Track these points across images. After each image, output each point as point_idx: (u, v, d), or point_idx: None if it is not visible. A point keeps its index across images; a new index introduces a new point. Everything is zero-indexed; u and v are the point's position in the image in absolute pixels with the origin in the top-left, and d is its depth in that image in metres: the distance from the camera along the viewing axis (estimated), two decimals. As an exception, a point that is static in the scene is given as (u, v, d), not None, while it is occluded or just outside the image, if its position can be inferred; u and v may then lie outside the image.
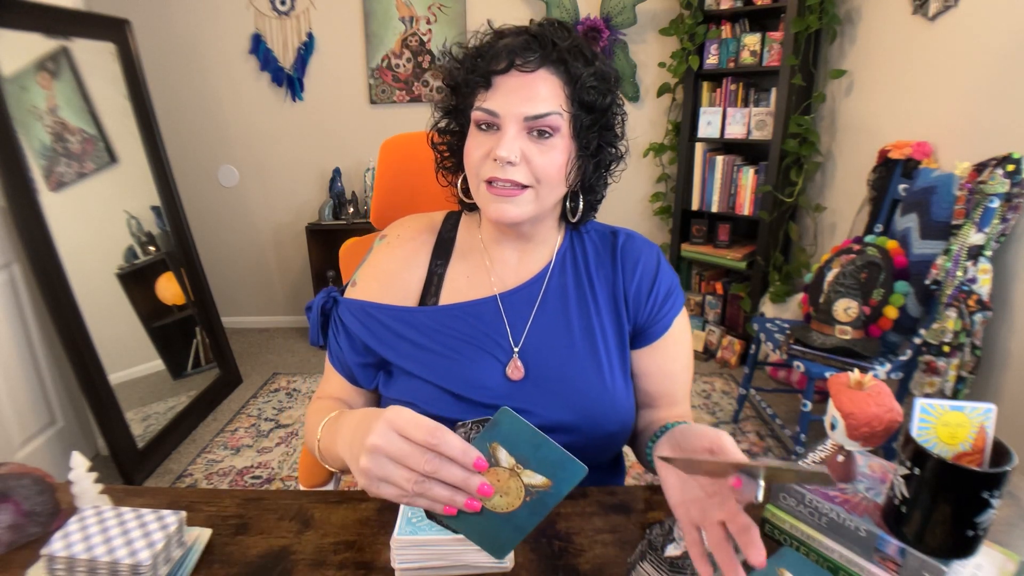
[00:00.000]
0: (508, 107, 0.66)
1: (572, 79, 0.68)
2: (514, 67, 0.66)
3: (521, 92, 0.66)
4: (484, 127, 0.68)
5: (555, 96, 0.67)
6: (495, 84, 0.67)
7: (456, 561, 0.58)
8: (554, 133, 0.67)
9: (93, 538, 0.57)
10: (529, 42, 0.67)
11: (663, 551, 0.55)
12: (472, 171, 0.70)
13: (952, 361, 1.58)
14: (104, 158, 2.11)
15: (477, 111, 0.68)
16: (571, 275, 0.79)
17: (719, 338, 2.80)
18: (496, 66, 0.67)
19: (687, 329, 0.82)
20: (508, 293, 0.77)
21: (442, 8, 2.79)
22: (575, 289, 0.79)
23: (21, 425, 1.80)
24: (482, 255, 0.80)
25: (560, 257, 0.80)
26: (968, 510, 0.50)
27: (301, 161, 3.02)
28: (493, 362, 0.74)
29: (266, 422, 2.33)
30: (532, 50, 0.67)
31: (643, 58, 2.85)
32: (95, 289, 1.94)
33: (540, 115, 0.66)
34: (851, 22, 2.37)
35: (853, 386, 0.61)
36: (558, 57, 0.67)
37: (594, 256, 0.81)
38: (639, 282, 0.78)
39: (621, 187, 3.04)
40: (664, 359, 0.79)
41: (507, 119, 0.66)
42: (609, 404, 0.74)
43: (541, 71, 0.67)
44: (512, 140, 0.66)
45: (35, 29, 1.88)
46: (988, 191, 1.50)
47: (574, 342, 0.76)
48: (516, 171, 0.67)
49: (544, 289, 0.78)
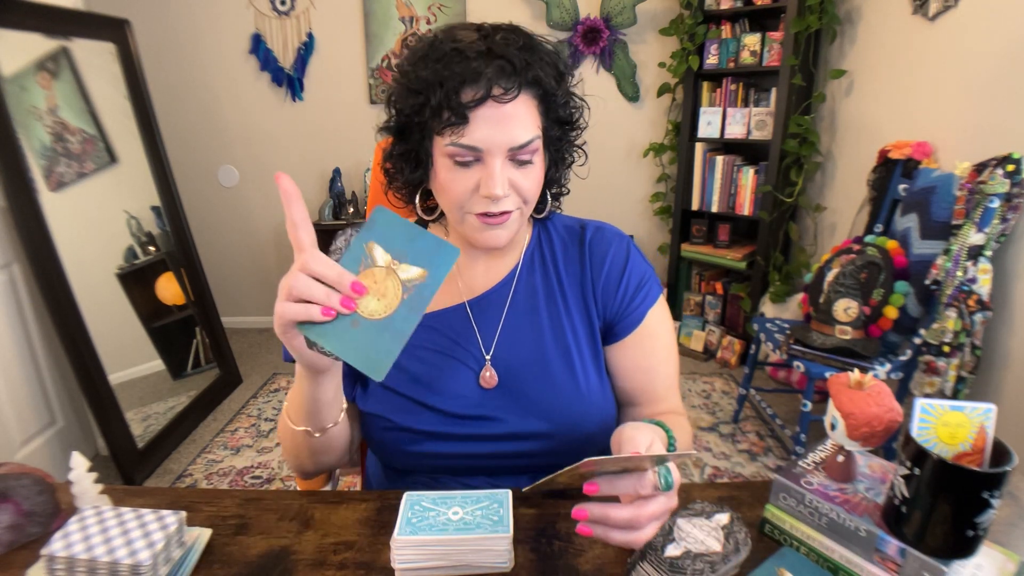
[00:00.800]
0: (490, 140, 0.62)
1: (548, 98, 0.66)
2: (491, 98, 0.61)
3: (501, 124, 0.62)
4: (461, 160, 0.64)
5: (533, 120, 0.65)
6: (471, 118, 0.62)
7: (456, 561, 0.58)
8: (534, 156, 0.66)
9: (93, 538, 0.57)
10: (504, 67, 0.61)
11: (663, 551, 0.55)
12: (454, 205, 0.66)
13: (952, 361, 1.58)
14: (104, 158, 2.11)
15: (452, 147, 0.63)
16: (539, 274, 0.78)
17: (719, 338, 2.80)
18: (470, 97, 0.61)
19: (664, 321, 0.78)
20: (477, 299, 0.76)
21: (442, 8, 2.79)
22: (544, 288, 0.77)
23: (21, 425, 1.80)
24: None
25: (528, 256, 0.78)
26: (968, 510, 0.50)
27: (301, 161, 3.02)
28: (466, 371, 0.73)
29: (266, 422, 2.33)
30: (508, 75, 0.62)
31: (643, 58, 2.85)
32: (95, 289, 1.94)
33: (524, 144, 0.64)
34: (851, 22, 2.37)
35: (853, 386, 0.61)
36: (533, 78, 0.64)
37: (562, 252, 0.79)
38: (607, 275, 0.76)
39: (621, 187, 3.07)
40: (639, 354, 0.76)
41: (491, 153, 0.63)
42: (583, 405, 0.73)
43: (519, 98, 0.63)
44: (501, 174, 0.63)
45: (35, 29, 1.88)
46: (988, 191, 1.50)
47: (544, 344, 0.74)
48: (507, 201, 0.65)
49: (513, 291, 0.76)
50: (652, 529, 0.54)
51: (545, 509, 0.67)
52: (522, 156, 0.65)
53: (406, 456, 0.73)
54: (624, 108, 2.93)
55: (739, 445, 2.14)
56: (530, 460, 0.73)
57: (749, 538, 0.58)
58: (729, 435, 2.20)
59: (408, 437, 0.72)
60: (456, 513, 0.60)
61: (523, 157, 0.65)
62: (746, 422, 2.29)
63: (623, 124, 2.95)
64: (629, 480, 0.52)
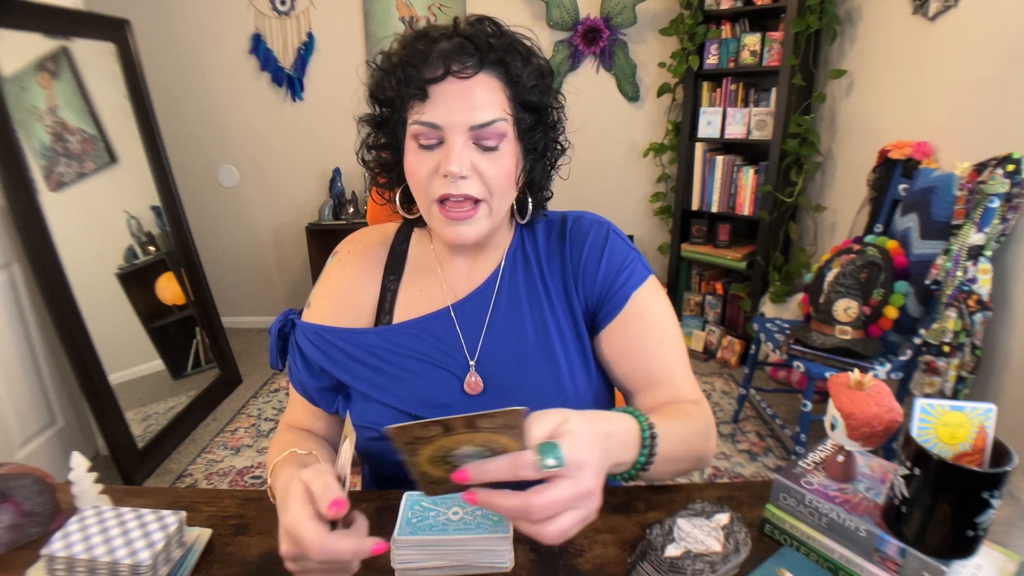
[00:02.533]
0: (450, 117, 0.62)
1: (512, 80, 0.65)
2: (451, 74, 0.62)
3: (461, 100, 0.62)
4: (425, 143, 0.64)
5: (497, 101, 0.64)
6: (432, 94, 0.62)
7: (456, 561, 0.58)
8: (500, 141, 0.64)
9: (93, 538, 0.57)
10: (464, 45, 0.62)
11: (663, 551, 0.55)
12: (420, 191, 0.66)
13: (952, 361, 1.58)
14: (104, 158, 2.11)
15: (415, 125, 0.63)
16: (522, 273, 0.76)
17: (719, 338, 2.80)
18: (431, 74, 0.62)
19: (654, 302, 0.73)
20: (460, 302, 0.74)
21: (442, 8, 2.79)
22: (526, 287, 0.75)
23: (21, 425, 1.80)
24: (435, 266, 0.77)
25: (511, 257, 0.77)
26: (968, 510, 0.50)
27: (301, 161, 3.02)
28: (450, 378, 0.72)
29: (266, 422, 2.33)
30: (469, 54, 0.62)
31: (643, 58, 2.85)
32: (95, 289, 1.94)
33: (485, 123, 0.62)
34: (851, 22, 2.37)
35: (853, 386, 0.61)
36: (496, 59, 0.64)
37: (545, 248, 0.77)
38: (586, 261, 0.73)
39: (621, 187, 3.07)
40: (626, 337, 0.72)
41: (451, 131, 0.62)
42: (568, 406, 0.72)
43: (480, 75, 0.63)
44: (461, 152, 0.62)
45: (35, 29, 1.88)
46: (988, 191, 1.50)
47: (528, 345, 0.72)
48: (468, 184, 0.63)
49: (496, 293, 0.75)
50: (567, 521, 0.46)
51: (545, 509, 0.67)
52: (486, 139, 0.63)
53: (394, 465, 0.73)
54: (624, 108, 2.93)
55: (739, 445, 2.14)
56: None
57: (749, 538, 0.58)
58: (729, 435, 2.20)
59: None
60: (456, 513, 0.60)
61: (487, 141, 0.64)
62: (746, 422, 2.29)
63: (623, 124, 2.95)
64: (500, 462, 0.46)
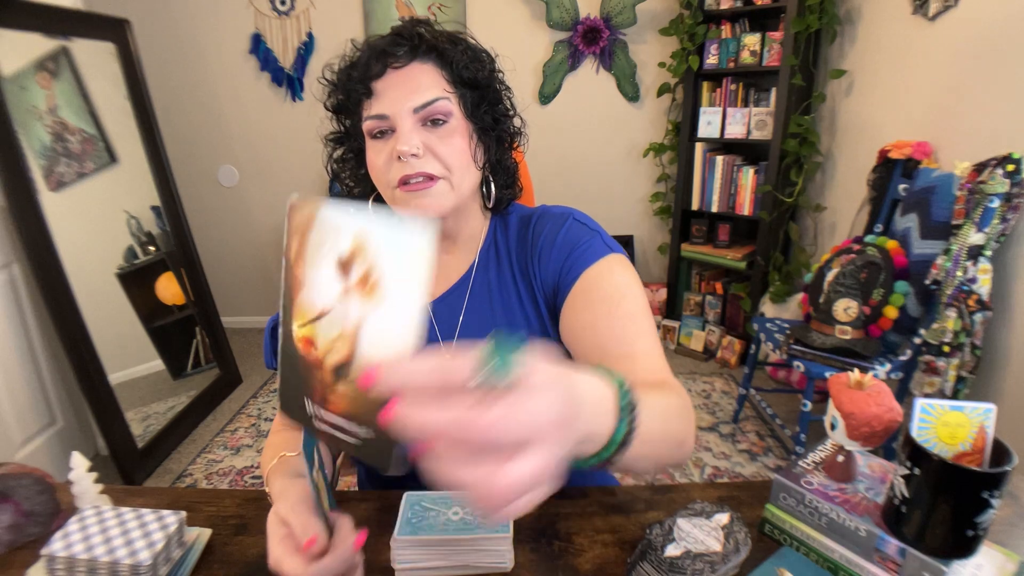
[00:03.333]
0: (394, 105, 0.66)
1: (447, 62, 0.69)
2: (389, 68, 0.67)
3: (401, 87, 0.67)
4: (379, 135, 0.68)
5: (436, 83, 0.68)
6: (376, 90, 0.68)
7: (456, 561, 0.58)
8: (448, 118, 0.68)
9: (93, 538, 0.57)
10: (395, 39, 0.68)
11: (663, 551, 0.55)
12: (382, 180, 0.70)
13: (952, 361, 1.58)
14: (104, 158, 2.11)
15: (367, 121, 0.68)
16: (494, 269, 0.77)
17: (719, 338, 2.80)
18: (371, 71, 0.67)
19: (611, 275, 0.70)
20: (437, 300, 0.76)
21: (442, 8, 2.79)
22: (498, 283, 0.76)
23: (21, 425, 1.80)
24: None
25: (484, 252, 0.78)
26: (968, 510, 0.50)
27: (301, 161, 3.02)
28: None
29: (266, 422, 2.33)
30: (400, 45, 0.68)
31: (643, 58, 2.85)
32: (95, 289, 1.94)
33: (427, 103, 0.67)
34: (851, 22, 2.37)
35: (853, 386, 0.61)
36: (428, 47, 0.68)
37: (516, 243, 0.78)
38: (543, 244, 0.74)
39: (621, 187, 3.07)
40: (575, 312, 0.69)
41: (397, 117, 0.66)
42: None
43: (415, 64, 0.68)
44: (409, 133, 0.66)
45: (35, 29, 1.87)
46: (988, 191, 1.50)
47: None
48: (424, 163, 0.67)
49: (469, 290, 0.76)
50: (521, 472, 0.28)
51: (545, 509, 0.67)
52: (433, 116, 0.67)
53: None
54: (624, 108, 2.93)
55: (739, 445, 2.14)
56: None
57: (749, 538, 0.58)
58: (729, 435, 2.20)
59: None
60: (456, 513, 0.60)
61: (435, 117, 0.67)
62: (746, 422, 2.29)
63: (623, 124, 2.95)
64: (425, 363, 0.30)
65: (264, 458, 0.71)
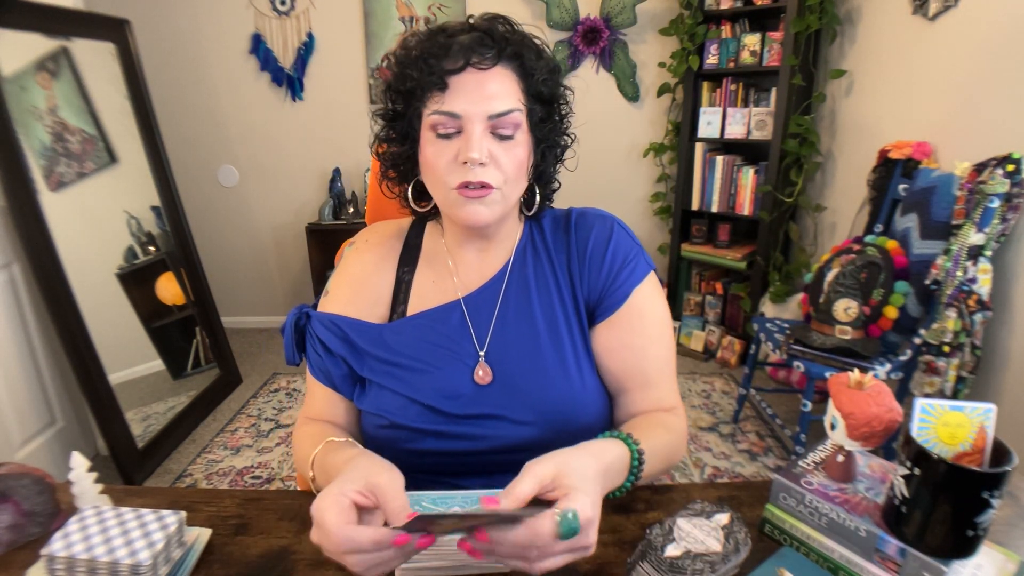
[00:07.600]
0: (469, 107, 0.64)
1: (526, 73, 0.68)
2: (470, 65, 0.65)
3: (480, 90, 0.65)
4: (443, 132, 0.66)
5: (513, 92, 0.67)
6: (451, 85, 0.65)
7: (456, 561, 0.58)
8: (516, 131, 0.67)
9: (93, 538, 0.57)
10: (483, 38, 0.66)
11: (663, 551, 0.55)
12: (438, 180, 0.68)
13: (952, 361, 1.58)
14: (104, 158, 2.11)
15: (434, 115, 0.66)
16: (532, 266, 0.77)
17: (719, 338, 2.80)
18: (451, 65, 0.65)
19: (654, 300, 0.76)
20: (471, 295, 0.76)
21: (442, 8, 2.79)
22: (536, 280, 0.77)
23: (21, 425, 1.80)
24: (446, 259, 0.79)
25: (520, 250, 0.78)
26: (968, 510, 0.50)
27: (301, 161, 3.02)
28: (462, 367, 0.73)
29: (266, 422, 2.33)
30: (487, 46, 0.65)
31: (643, 58, 2.85)
32: (95, 289, 1.94)
33: (503, 112, 0.65)
34: (851, 22, 2.37)
35: (853, 386, 0.61)
36: (512, 52, 0.67)
37: (553, 242, 0.79)
38: (591, 255, 0.75)
39: (621, 187, 3.07)
40: (625, 332, 0.74)
41: (470, 119, 0.65)
42: (578, 396, 0.72)
43: (497, 68, 0.66)
44: (480, 140, 0.64)
45: (35, 29, 1.87)
46: (988, 191, 1.50)
47: (538, 336, 0.74)
48: (486, 172, 0.65)
49: (505, 286, 0.77)
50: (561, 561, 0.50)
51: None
52: (503, 129, 0.66)
53: (402, 454, 0.73)
54: (624, 108, 2.93)
55: (739, 445, 2.14)
56: (526, 456, 0.73)
57: (749, 538, 0.58)
58: (729, 435, 2.20)
59: (404, 435, 0.72)
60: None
61: (504, 131, 0.66)
62: (746, 422, 2.29)
63: (623, 124, 2.95)
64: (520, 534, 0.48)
65: (301, 448, 0.72)
